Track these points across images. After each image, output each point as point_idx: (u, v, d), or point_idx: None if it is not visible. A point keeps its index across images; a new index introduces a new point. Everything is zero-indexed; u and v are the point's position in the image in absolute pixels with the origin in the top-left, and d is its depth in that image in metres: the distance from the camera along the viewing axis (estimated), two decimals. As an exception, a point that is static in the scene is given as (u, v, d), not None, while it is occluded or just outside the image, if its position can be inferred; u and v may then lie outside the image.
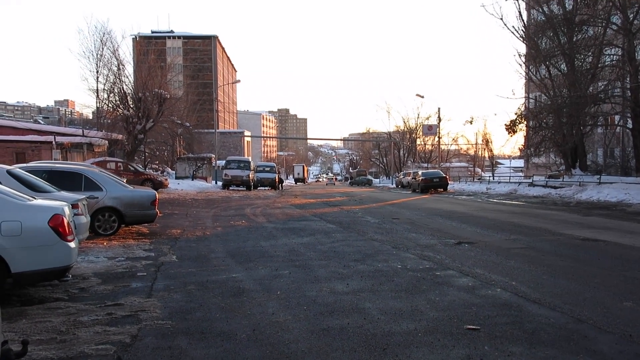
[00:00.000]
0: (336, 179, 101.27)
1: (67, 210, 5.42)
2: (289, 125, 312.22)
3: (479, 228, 10.96)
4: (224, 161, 37.39)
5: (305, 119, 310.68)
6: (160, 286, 5.79)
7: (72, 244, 5.23)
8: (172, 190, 26.53)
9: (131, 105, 29.29)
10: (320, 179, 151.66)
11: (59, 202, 5.65)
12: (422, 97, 52.10)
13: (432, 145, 73.03)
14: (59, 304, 5.07)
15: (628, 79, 23.30)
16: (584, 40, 24.88)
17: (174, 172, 38.15)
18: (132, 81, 30.09)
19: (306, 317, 4.57)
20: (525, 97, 29.95)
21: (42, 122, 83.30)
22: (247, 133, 77.62)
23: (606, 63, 25.10)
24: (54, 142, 26.70)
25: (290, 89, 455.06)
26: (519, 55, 27.24)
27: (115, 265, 6.97)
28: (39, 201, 5.44)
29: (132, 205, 9.82)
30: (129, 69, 31.91)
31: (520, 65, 27.43)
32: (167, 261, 7.35)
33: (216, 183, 39.20)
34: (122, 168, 24.58)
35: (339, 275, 6.32)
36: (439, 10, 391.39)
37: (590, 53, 24.79)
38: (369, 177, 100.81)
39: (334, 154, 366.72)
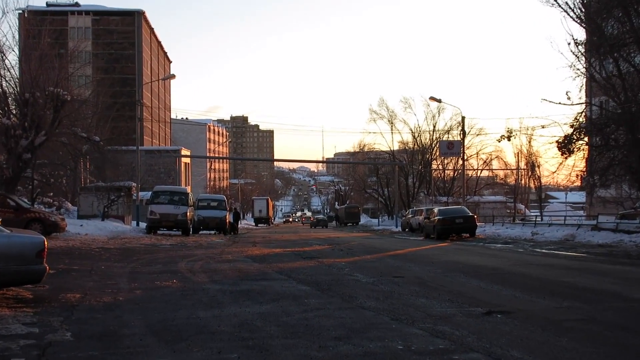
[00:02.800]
0: (315, 219, 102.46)
1: None
2: (248, 141, 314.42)
3: (518, 290, 11.06)
4: (150, 193, 37.31)
5: (271, 132, 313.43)
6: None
7: None
8: (71, 236, 26.25)
9: (13, 111, 29.14)
10: (293, 219, 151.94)
11: None
12: (439, 100, 52.97)
13: (455, 170, 74.18)
14: None
15: None
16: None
17: (75, 208, 37.79)
18: (15, 76, 30.02)
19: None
20: (585, 102, 29.47)
21: None
22: (184, 152, 77.73)
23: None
24: None
25: (249, 91, 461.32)
26: (575, 43, 27.10)
27: (-23, 348, 6.83)
28: None
29: (7, 258, 9.65)
30: (11, 58, 31.95)
31: (577, 57, 27.22)
32: (57, 341, 7.22)
33: (138, 224, 38.88)
34: (-4, 202, 24.40)
35: (311, 360, 6.30)
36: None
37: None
38: (364, 215, 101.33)
39: (312, 182, 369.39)
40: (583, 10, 27.48)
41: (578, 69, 27.64)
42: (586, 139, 28.95)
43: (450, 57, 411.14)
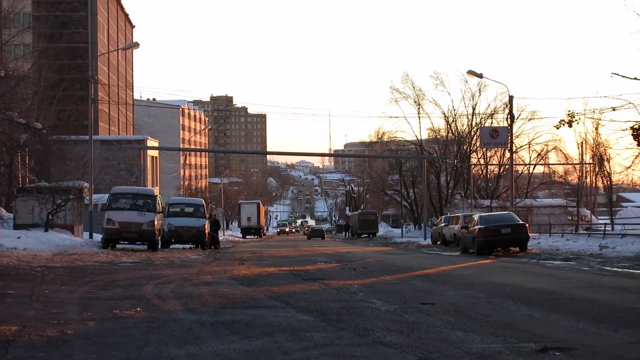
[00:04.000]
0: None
1: None
2: (233, 128, 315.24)
3: (582, 321, 11.05)
4: (108, 195, 37.31)
5: (263, 117, 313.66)
6: None
7: None
8: (5, 251, 26.23)
9: None
10: (290, 229, 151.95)
11: None
12: (480, 75, 52.89)
13: (500, 165, 74.17)
14: None
15: None
16: None
17: (11, 215, 37.80)
18: None
19: None
20: (668, 76, 29.98)
21: None
22: (152, 142, 77.84)
23: None
24: None
25: (235, 66, 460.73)
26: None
27: None
28: None
29: None
30: None
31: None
32: (-13, 387, 7.22)
33: (92, 237, 38.90)
34: None
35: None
36: None
37: None
38: (383, 224, 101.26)
39: (316, 181, 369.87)
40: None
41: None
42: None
43: (491, 23, 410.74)
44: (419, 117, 77.95)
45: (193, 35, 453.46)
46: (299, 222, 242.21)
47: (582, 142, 65.65)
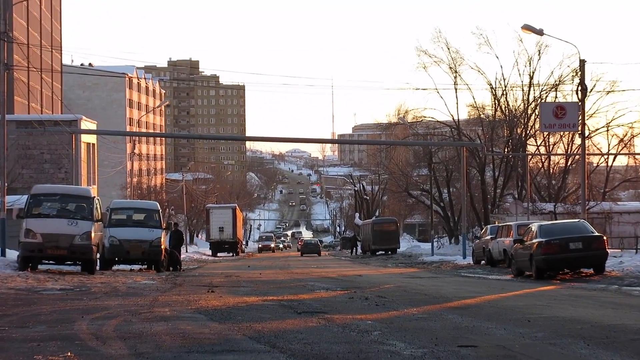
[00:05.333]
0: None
1: None
2: (200, 105, 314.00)
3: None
4: (27, 197, 37.20)
5: (241, 90, 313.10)
6: None
7: None
8: None
9: None
10: (277, 244, 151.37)
11: None
12: (539, 32, 52.78)
13: (568, 155, 73.88)
14: None
15: None
16: None
17: None
18: None
19: None
20: None
21: None
22: (87, 124, 77.72)
23: None
24: None
25: (203, 21, 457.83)
26: None
27: None
28: None
29: None
30: None
31: None
32: None
33: (4, 254, 38.76)
34: None
35: None
36: None
37: None
38: (407, 237, 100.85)
39: (314, 177, 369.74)
40: None
41: None
42: None
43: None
44: (456, 89, 77.44)
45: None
46: (289, 233, 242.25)
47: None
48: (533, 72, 75.17)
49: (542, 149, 76.74)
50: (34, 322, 16.60)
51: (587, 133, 56.24)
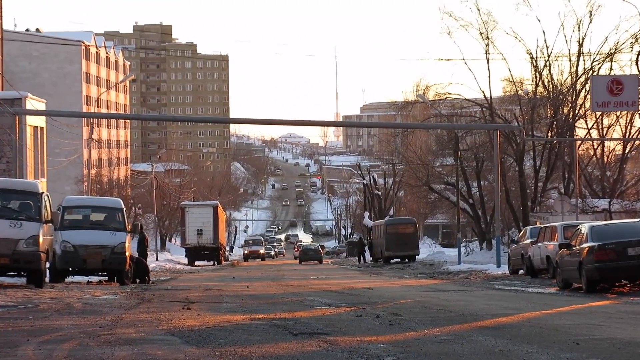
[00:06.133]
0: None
1: None
2: (173, 80, 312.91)
3: None
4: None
5: (224, 60, 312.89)
6: None
7: None
8: None
9: None
10: (267, 251, 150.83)
11: None
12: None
13: (628, 141, 73.66)
14: None
15: None
16: None
17: None
18: None
19: None
20: None
21: None
22: (34, 103, 77.71)
23: None
24: None
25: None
26: None
27: None
28: None
29: None
30: None
31: None
32: None
33: None
34: None
35: None
36: None
37: None
38: (427, 240, 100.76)
39: (313, 168, 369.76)
40: None
41: None
42: None
43: None
44: (488, 60, 77.04)
45: None
46: (281, 237, 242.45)
47: None
48: (583, 39, 74.98)
49: (594, 133, 76.64)
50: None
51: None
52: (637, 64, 49.26)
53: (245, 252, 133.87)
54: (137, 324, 20.63)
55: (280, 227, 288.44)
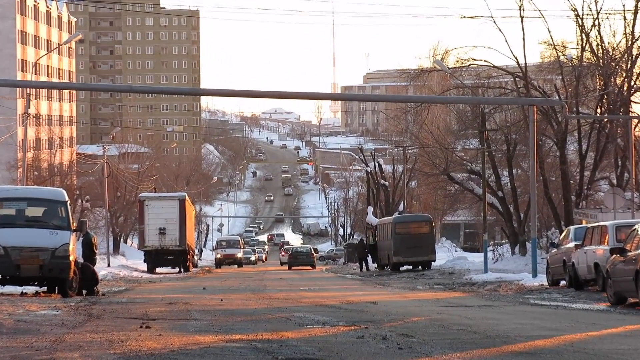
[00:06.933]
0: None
1: None
2: (130, 41, 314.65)
3: None
4: None
5: (194, 16, 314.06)
6: None
7: None
8: None
9: None
10: (242, 257, 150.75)
11: None
12: None
13: None
14: None
15: None
16: None
17: None
18: None
19: None
20: None
21: None
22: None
23: None
24: None
25: None
26: None
27: None
28: None
29: None
30: None
31: None
32: None
33: None
34: None
35: None
36: None
37: None
38: (446, 242, 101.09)
39: (304, 151, 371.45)
40: None
41: None
42: None
43: None
44: (522, 18, 77.12)
45: None
46: (263, 239, 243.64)
47: None
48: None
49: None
50: None
51: None
52: None
53: (218, 256, 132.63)
54: (82, 346, 20.57)
55: (262, 227, 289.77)
